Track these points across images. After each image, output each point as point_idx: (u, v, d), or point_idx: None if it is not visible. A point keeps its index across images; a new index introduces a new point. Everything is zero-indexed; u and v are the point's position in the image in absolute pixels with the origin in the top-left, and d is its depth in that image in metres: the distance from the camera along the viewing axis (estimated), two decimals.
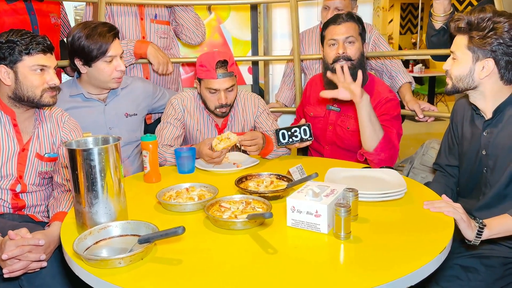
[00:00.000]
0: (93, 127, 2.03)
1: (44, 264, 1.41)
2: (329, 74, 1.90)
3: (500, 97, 1.52)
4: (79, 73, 2.04)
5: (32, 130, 1.72)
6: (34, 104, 1.65)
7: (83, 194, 1.29)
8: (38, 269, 1.42)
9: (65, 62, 2.28)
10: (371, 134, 1.79)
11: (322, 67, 2.13)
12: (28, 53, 1.59)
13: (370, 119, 1.78)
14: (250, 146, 1.94)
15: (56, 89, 1.67)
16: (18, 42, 1.58)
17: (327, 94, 1.91)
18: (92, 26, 1.95)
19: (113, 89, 2.06)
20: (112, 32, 1.96)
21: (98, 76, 1.98)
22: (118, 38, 2.00)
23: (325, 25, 2.04)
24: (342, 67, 1.84)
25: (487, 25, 1.44)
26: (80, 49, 1.93)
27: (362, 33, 2.02)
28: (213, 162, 1.93)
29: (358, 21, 2.01)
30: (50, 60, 1.65)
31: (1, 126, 1.66)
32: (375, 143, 1.80)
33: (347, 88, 1.81)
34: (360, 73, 1.80)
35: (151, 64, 2.32)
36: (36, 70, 1.61)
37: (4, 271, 1.36)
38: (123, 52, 2.02)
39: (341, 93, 1.85)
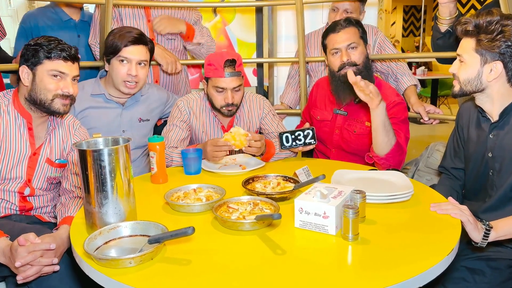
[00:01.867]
0: (107, 129, 2.07)
1: (57, 267, 1.43)
2: (350, 77, 1.75)
3: (507, 100, 1.53)
4: (106, 72, 2.10)
5: (45, 135, 1.74)
6: (45, 109, 1.66)
7: (93, 195, 1.30)
8: (51, 273, 1.43)
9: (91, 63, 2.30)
10: (384, 141, 1.79)
11: (327, 71, 2.12)
12: (49, 58, 1.61)
13: (385, 126, 1.77)
14: (256, 145, 1.91)
15: (70, 98, 1.67)
16: (44, 46, 1.61)
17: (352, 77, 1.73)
18: (123, 28, 2.04)
19: (124, 93, 2.07)
20: (133, 36, 1.99)
21: (112, 74, 2.03)
22: (146, 46, 2.02)
23: (325, 34, 2.04)
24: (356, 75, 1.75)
25: (495, 28, 1.45)
26: (106, 45, 2.02)
27: (363, 35, 2.02)
28: (216, 153, 1.90)
29: (357, 24, 2.01)
30: (69, 69, 1.65)
31: (16, 128, 1.67)
32: (387, 149, 1.80)
33: (367, 94, 1.73)
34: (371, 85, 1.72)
35: (159, 65, 2.33)
36: (53, 75, 1.62)
37: (18, 277, 1.38)
38: (145, 60, 2.03)
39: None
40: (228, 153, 2.10)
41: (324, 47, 2.08)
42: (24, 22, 2.54)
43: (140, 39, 2.01)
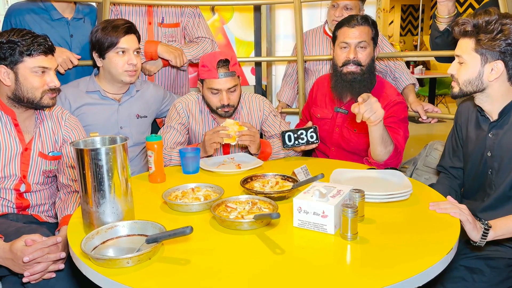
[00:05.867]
0: (105, 125, 2.06)
1: (62, 266, 1.43)
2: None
3: (506, 99, 1.53)
4: (98, 69, 2.10)
5: (34, 129, 1.72)
6: (34, 106, 1.65)
7: (91, 194, 1.30)
8: (54, 275, 1.42)
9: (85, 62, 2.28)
10: (382, 152, 1.78)
11: (329, 67, 2.11)
12: (29, 55, 1.58)
13: (383, 139, 1.75)
14: (248, 135, 1.92)
15: (56, 90, 1.67)
16: (19, 43, 1.57)
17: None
18: (110, 21, 2.04)
19: (126, 83, 2.08)
20: (126, 26, 2.01)
21: (110, 68, 2.03)
22: (135, 34, 2.05)
23: (339, 25, 2.02)
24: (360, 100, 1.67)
25: (495, 27, 1.44)
26: (95, 41, 2.02)
27: (375, 37, 2.01)
28: (214, 138, 1.90)
29: (373, 25, 2.00)
30: (51, 62, 1.64)
31: (2, 127, 1.66)
32: (385, 157, 1.79)
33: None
34: (377, 103, 1.65)
35: (167, 61, 2.31)
36: (37, 72, 1.61)
37: (26, 273, 1.37)
38: (138, 48, 2.06)
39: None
40: (226, 150, 2.10)
41: (334, 38, 2.05)
42: (9, 17, 2.27)
43: (131, 28, 2.04)
